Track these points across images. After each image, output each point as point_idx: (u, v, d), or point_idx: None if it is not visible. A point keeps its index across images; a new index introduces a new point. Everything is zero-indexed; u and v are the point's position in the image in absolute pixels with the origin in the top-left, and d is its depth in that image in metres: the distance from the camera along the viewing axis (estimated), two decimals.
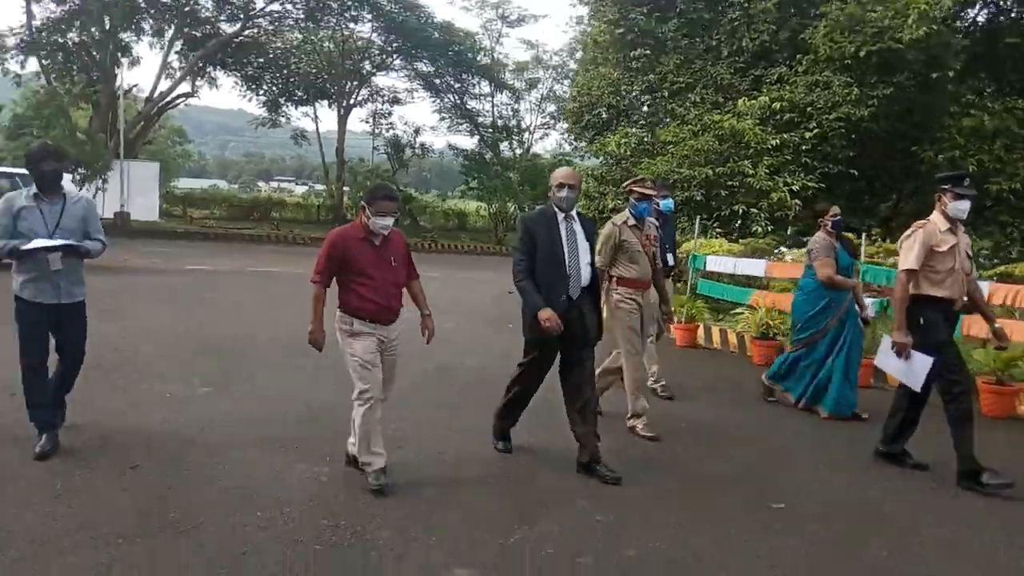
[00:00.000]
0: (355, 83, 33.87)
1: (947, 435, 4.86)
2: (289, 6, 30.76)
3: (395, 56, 33.50)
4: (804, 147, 12.91)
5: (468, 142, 35.85)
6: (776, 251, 11.31)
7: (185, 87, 30.43)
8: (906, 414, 5.12)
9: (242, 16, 30.08)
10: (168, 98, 29.68)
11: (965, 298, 5.06)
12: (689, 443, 5.54)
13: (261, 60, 32.37)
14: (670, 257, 7.00)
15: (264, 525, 3.68)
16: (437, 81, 33.67)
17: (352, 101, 34.02)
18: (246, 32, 30.90)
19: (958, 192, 4.90)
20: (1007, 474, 4.72)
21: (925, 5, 11.85)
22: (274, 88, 33.41)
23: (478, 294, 13.43)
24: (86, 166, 21.99)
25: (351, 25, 32.32)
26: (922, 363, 4.81)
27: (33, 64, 26.83)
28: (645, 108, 16.32)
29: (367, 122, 35.86)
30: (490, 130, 32.91)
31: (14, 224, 4.45)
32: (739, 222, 12.74)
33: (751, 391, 7.17)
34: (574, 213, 4.75)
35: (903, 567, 3.67)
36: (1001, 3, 15.75)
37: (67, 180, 4.93)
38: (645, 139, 14.64)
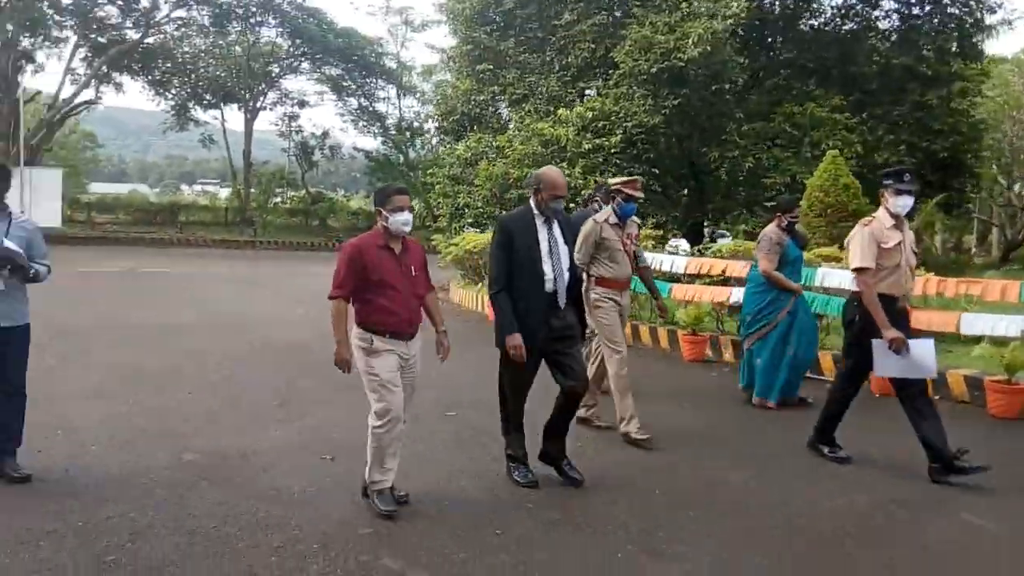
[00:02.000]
0: (263, 86, 35.83)
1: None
2: (195, 12, 32.76)
3: (302, 59, 35.59)
4: (613, 151, 15.53)
5: (373, 144, 37.95)
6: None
7: (90, 93, 31.88)
8: (839, 406, 5.26)
9: (146, 22, 31.64)
10: (72, 104, 31.16)
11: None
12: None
13: (168, 65, 33.97)
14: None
15: None
16: (344, 84, 35.81)
17: (260, 104, 35.99)
18: (151, 38, 32.56)
19: (899, 188, 4.94)
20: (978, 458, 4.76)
21: (702, 30, 14.62)
22: (183, 92, 35.09)
23: None
24: None
25: (257, 29, 34.41)
26: (924, 347, 4.84)
27: None
28: (491, 116, 18.87)
29: (276, 125, 37.82)
30: (394, 132, 35.10)
31: None
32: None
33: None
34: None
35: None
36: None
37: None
38: (489, 144, 17.14)
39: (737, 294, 9.22)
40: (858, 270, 4.92)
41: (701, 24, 14.76)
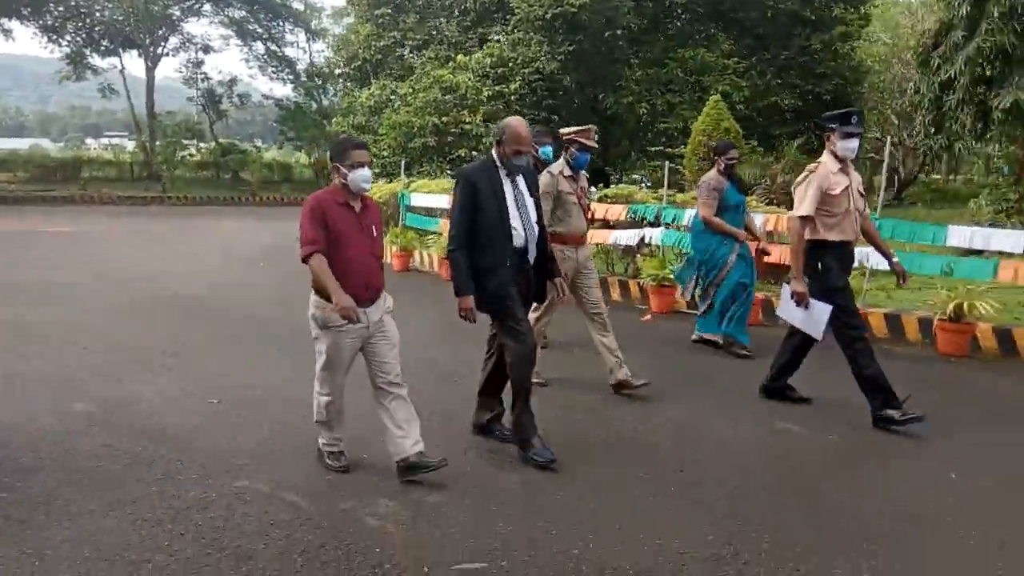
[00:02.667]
0: (164, 30, 34.64)
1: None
2: None
3: (204, 1, 34.48)
4: (513, 97, 15.95)
5: (283, 91, 37.32)
6: None
7: None
8: (792, 355, 5.34)
9: None
10: None
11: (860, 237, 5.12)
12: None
13: (61, 8, 32.60)
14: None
15: None
16: (249, 28, 34.91)
17: (161, 50, 34.82)
18: None
19: (846, 131, 4.86)
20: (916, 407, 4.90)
21: None
22: (78, 38, 33.69)
23: (259, 240, 15.75)
24: None
25: None
26: (821, 311, 4.94)
27: None
28: (394, 62, 19.01)
29: (180, 72, 36.71)
30: (304, 79, 34.55)
31: None
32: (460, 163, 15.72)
33: None
34: None
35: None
36: None
37: None
38: (392, 91, 17.33)
39: (616, 236, 10.01)
40: (801, 218, 4.90)
41: None
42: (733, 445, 4.88)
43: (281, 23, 35.28)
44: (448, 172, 15.90)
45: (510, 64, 16.17)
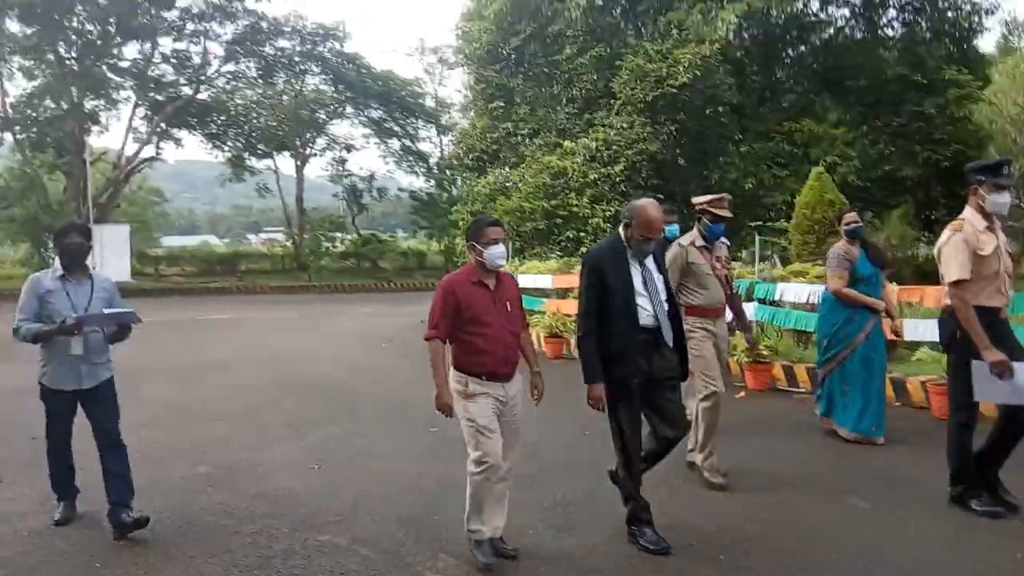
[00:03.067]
0: (312, 133, 37.89)
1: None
2: (243, 66, 35.15)
3: (346, 104, 37.59)
4: (618, 179, 16.54)
5: (417, 183, 39.63)
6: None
7: (151, 150, 34.23)
8: (1001, 442, 4.56)
9: (198, 78, 34.12)
10: (135, 162, 33.55)
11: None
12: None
13: (223, 118, 36.16)
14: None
15: None
16: (386, 126, 37.64)
17: (310, 151, 38.03)
18: (204, 93, 35.01)
19: (997, 183, 4.35)
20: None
21: (691, 56, 15.60)
22: (238, 143, 37.29)
23: (389, 323, 16.80)
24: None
25: (302, 78, 36.56)
26: None
27: (9, 139, 30.73)
28: (508, 151, 20.17)
29: (326, 170, 39.83)
30: (436, 171, 36.71)
31: (39, 306, 4.48)
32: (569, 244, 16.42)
33: None
34: None
35: None
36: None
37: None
38: (505, 180, 18.39)
39: None
40: (955, 283, 4.34)
41: (689, 50, 15.80)
42: None
43: (415, 120, 37.79)
44: (557, 253, 16.60)
45: (614, 147, 16.84)
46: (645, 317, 4.22)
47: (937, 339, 4.93)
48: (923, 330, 7.68)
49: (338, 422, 7.74)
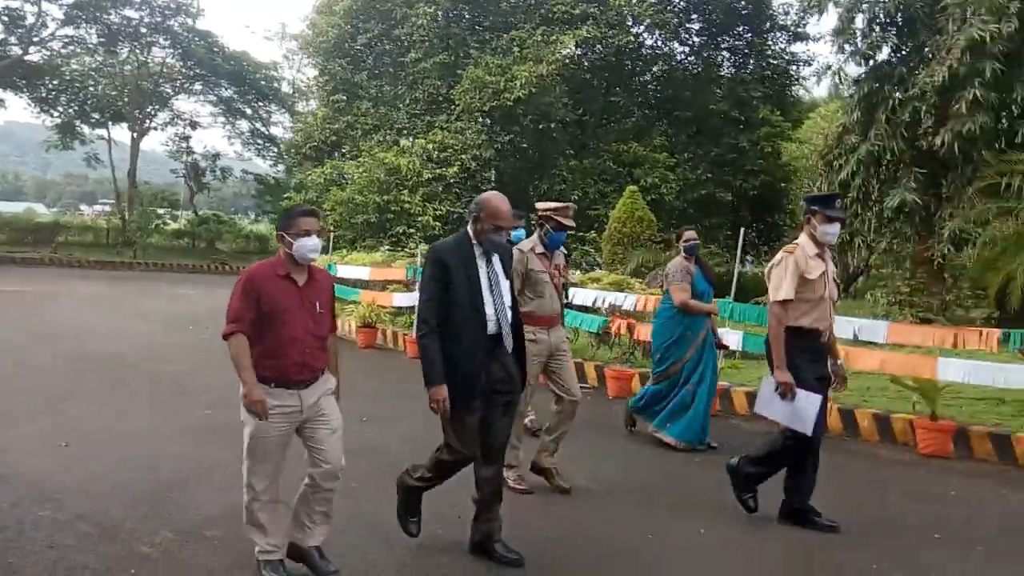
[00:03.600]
0: (155, 106, 35.98)
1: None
2: (83, 31, 32.86)
3: (195, 81, 35.97)
4: (452, 180, 16.86)
5: (263, 167, 38.50)
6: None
7: None
8: (796, 461, 4.72)
9: (30, 39, 31.67)
10: None
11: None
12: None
13: (55, 82, 33.77)
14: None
15: None
16: (237, 107, 36.37)
17: (149, 124, 36.04)
18: (37, 55, 32.53)
19: (829, 215, 4.64)
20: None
21: (527, 73, 16.27)
22: (70, 110, 34.89)
23: (206, 304, 16.15)
24: None
25: (147, 50, 34.63)
26: (809, 402, 4.47)
27: None
28: (346, 143, 20.15)
29: (166, 145, 37.98)
30: (286, 156, 35.79)
31: None
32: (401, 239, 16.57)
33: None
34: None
35: None
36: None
37: None
38: (340, 171, 18.32)
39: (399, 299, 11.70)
40: (779, 302, 4.59)
41: (527, 68, 16.46)
42: None
43: (268, 104, 36.75)
44: (386, 247, 16.68)
45: (450, 150, 17.18)
46: (488, 325, 4.00)
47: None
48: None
49: (104, 401, 7.50)
